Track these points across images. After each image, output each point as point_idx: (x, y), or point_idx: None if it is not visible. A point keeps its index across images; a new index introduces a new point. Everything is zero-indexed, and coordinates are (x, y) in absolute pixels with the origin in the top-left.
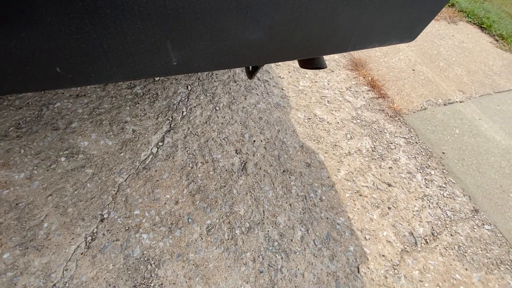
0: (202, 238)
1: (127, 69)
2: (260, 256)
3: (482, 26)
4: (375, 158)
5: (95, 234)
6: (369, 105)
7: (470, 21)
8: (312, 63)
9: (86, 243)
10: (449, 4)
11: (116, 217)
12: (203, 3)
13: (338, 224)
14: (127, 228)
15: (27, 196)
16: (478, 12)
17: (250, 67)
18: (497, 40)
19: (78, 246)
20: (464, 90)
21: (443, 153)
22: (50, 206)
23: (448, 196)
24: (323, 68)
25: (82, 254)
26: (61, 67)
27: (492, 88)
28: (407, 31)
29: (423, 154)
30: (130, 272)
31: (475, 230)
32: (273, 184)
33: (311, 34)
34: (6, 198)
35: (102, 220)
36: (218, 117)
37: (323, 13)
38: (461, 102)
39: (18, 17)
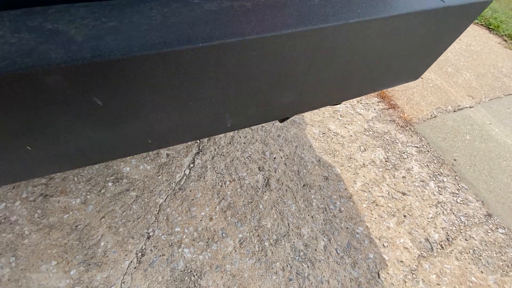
0: (236, 251)
1: (194, 133)
2: (289, 265)
3: (490, 27)
4: (389, 168)
5: (144, 250)
6: (380, 116)
7: (477, 23)
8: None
9: (137, 258)
10: None
11: (160, 234)
12: (254, 87)
13: (357, 233)
14: (170, 244)
15: (84, 219)
16: (485, 13)
17: None
18: (505, 41)
19: (131, 262)
20: (473, 95)
21: (455, 159)
22: (104, 227)
23: (461, 202)
24: (338, 104)
25: (135, 268)
26: (152, 139)
27: (502, 91)
28: (413, 72)
29: (435, 162)
30: (177, 283)
31: (489, 234)
32: (295, 198)
33: (332, 91)
34: (67, 221)
35: (148, 238)
36: (240, 137)
37: (342, 77)
38: (470, 107)
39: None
